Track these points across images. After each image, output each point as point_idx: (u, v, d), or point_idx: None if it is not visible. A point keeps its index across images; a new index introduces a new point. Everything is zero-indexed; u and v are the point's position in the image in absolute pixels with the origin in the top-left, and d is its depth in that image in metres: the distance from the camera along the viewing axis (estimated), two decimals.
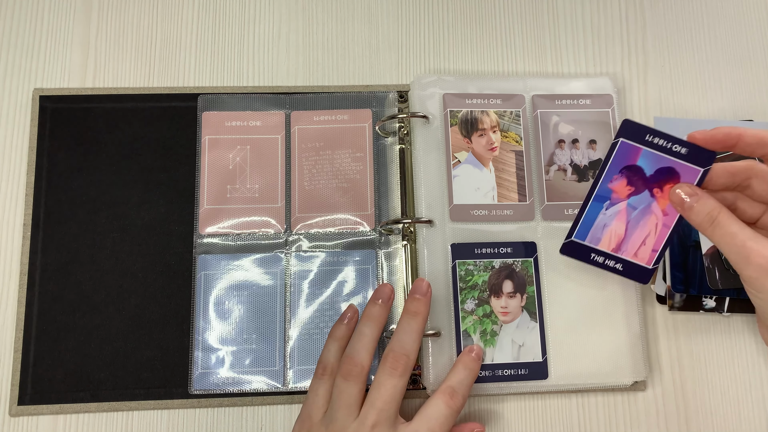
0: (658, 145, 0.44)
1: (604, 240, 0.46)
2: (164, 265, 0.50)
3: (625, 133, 0.45)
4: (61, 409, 0.47)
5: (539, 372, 0.47)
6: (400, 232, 0.50)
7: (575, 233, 0.46)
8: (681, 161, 0.44)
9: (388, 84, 0.55)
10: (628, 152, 0.45)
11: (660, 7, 0.58)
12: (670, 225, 0.45)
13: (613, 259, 0.46)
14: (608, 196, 0.46)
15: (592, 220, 0.46)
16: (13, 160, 0.52)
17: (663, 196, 0.45)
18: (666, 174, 0.45)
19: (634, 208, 0.46)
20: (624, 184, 0.45)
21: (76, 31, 0.55)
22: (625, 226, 0.46)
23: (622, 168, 0.45)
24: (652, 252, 0.46)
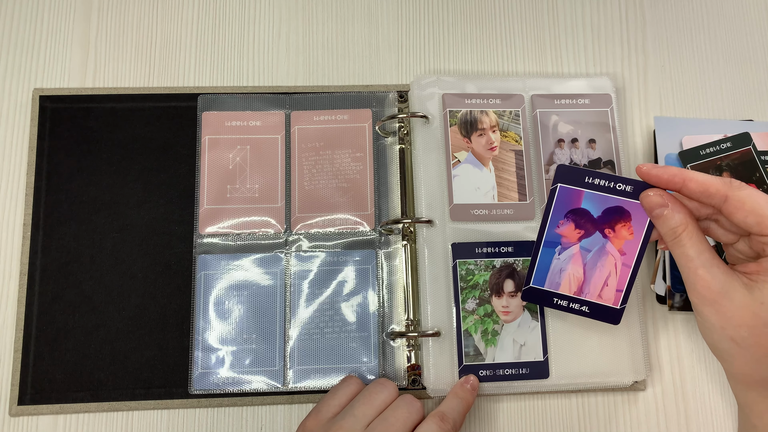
0: (600, 186, 0.43)
1: (563, 284, 0.45)
2: (164, 265, 0.50)
3: (562, 177, 0.44)
4: (61, 408, 0.47)
5: (540, 371, 0.47)
6: (400, 232, 0.50)
7: (532, 279, 0.46)
8: (629, 199, 0.43)
9: (388, 84, 0.55)
10: (569, 196, 0.44)
11: (660, 8, 0.58)
12: (631, 264, 0.44)
13: (578, 302, 0.45)
14: (558, 241, 0.45)
15: (546, 265, 0.45)
16: (13, 160, 0.52)
17: (616, 236, 0.44)
18: (614, 214, 0.44)
19: (588, 250, 0.45)
20: (572, 228, 0.45)
21: (76, 31, 0.55)
22: (583, 269, 0.45)
23: (567, 212, 0.44)
24: (617, 292, 0.45)
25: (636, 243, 0.44)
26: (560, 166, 0.44)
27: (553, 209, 0.44)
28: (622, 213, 0.44)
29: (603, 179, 0.43)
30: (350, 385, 0.45)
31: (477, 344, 0.47)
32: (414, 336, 0.47)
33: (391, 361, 0.49)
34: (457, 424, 0.43)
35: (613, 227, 0.44)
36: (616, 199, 0.43)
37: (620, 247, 0.44)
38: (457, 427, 0.43)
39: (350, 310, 0.49)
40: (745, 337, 0.38)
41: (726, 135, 0.52)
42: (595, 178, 0.43)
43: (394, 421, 0.41)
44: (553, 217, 0.45)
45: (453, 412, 0.43)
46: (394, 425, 0.41)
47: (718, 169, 0.51)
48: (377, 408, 0.43)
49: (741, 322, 0.38)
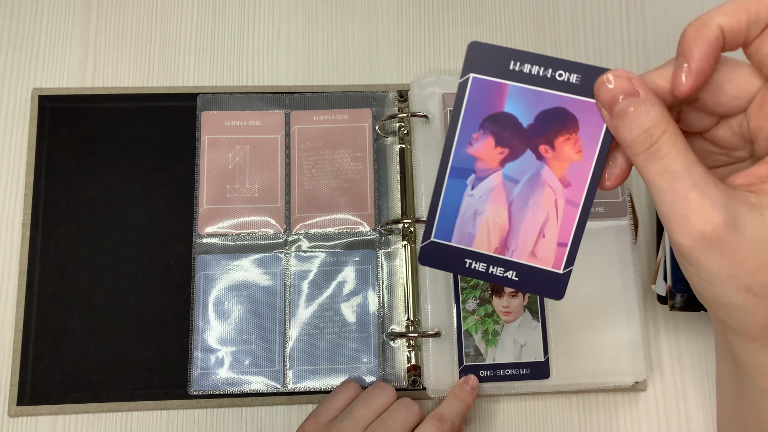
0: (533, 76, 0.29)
1: (480, 236, 0.31)
2: (163, 265, 0.50)
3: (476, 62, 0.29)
4: (60, 409, 0.47)
5: (541, 371, 0.47)
6: (400, 232, 0.50)
7: (434, 230, 0.31)
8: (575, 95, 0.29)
9: (388, 84, 0.55)
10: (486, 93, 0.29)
11: (661, 7, 0.58)
12: (578, 200, 0.29)
13: (501, 265, 0.31)
14: (471, 167, 0.30)
15: (455, 207, 0.31)
16: (12, 159, 0.52)
17: (557, 157, 0.29)
18: (554, 121, 0.29)
19: (515, 180, 0.30)
20: (491, 145, 0.30)
21: (76, 31, 0.55)
22: (508, 211, 0.30)
23: (484, 120, 0.30)
24: (559, 247, 0.30)
25: (586, 168, 0.29)
26: (472, 43, 0.29)
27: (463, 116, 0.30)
28: (566, 119, 0.29)
29: (536, 63, 0.29)
30: (348, 390, 0.45)
31: (477, 344, 0.47)
32: (414, 336, 0.47)
33: (391, 362, 0.48)
34: (455, 425, 0.43)
35: (552, 142, 0.29)
36: (557, 97, 0.29)
37: (562, 174, 0.30)
38: (455, 428, 0.43)
39: (350, 311, 0.49)
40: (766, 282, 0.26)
41: None
42: (525, 62, 0.29)
43: (393, 424, 0.41)
44: (462, 129, 0.30)
45: (451, 413, 0.43)
46: (392, 427, 0.41)
47: None
48: (375, 411, 0.43)
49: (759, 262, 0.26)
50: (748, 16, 0.26)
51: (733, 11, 0.26)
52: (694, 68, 0.26)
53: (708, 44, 0.26)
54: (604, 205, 0.50)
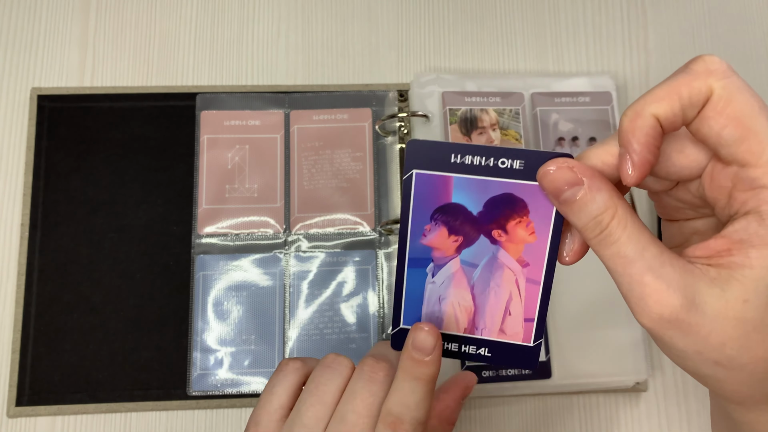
0: (476, 166, 0.29)
1: (447, 319, 0.31)
2: (162, 265, 0.49)
3: (415, 158, 0.29)
4: (59, 410, 0.47)
5: (542, 371, 0.47)
6: None
7: (402, 319, 0.31)
8: (521, 181, 0.29)
9: (388, 83, 0.54)
10: (433, 187, 0.29)
11: (661, 6, 0.58)
12: (539, 278, 0.30)
13: (473, 344, 0.31)
14: (428, 256, 0.31)
15: (419, 295, 0.31)
16: (11, 159, 0.51)
17: (511, 239, 0.30)
18: (503, 206, 0.29)
19: (473, 265, 0.31)
20: (444, 235, 0.30)
21: (74, 30, 0.54)
22: (471, 293, 0.31)
23: (434, 212, 0.30)
24: (526, 322, 0.31)
25: (542, 247, 0.30)
26: (411, 141, 0.29)
27: (412, 209, 0.30)
28: (515, 203, 0.29)
29: (477, 154, 0.29)
30: (288, 375, 0.34)
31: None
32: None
33: None
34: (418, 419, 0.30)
35: (504, 226, 0.30)
36: (503, 183, 0.29)
37: (519, 255, 0.30)
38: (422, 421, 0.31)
39: (350, 311, 0.49)
40: (733, 356, 0.25)
41: None
42: (465, 154, 0.29)
43: (356, 419, 0.31)
44: (414, 222, 0.30)
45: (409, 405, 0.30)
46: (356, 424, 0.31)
47: None
48: (330, 404, 0.32)
49: (723, 338, 0.25)
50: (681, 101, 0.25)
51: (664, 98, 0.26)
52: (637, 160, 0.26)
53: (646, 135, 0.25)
54: None
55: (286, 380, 0.34)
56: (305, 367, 0.35)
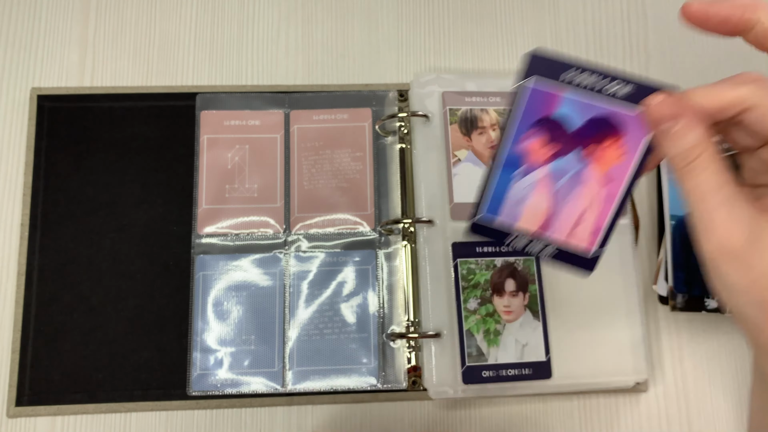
0: (586, 86, 0.32)
1: (524, 218, 0.35)
2: (162, 265, 0.49)
3: (536, 69, 0.32)
4: (58, 410, 0.47)
5: (543, 371, 0.47)
6: (400, 232, 0.50)
7: (485, 208, 0.35)
8: (624, 106, 0.32)
9: (388, 83, 0.54)
10: (541, 99, 0.32)
11: (662, 6, 0.58)
12: (615, 194, 0.33)
13: (541, 242, 0.35)
14: (519, 161, 0.34)
15: (502, 193, 0.34)
16: (11, 159, 0.51)
17: (601, 158, 0.33)
18: (602, 127, 0.32)
19: (560, 175, 0.34)
20: (541, 143, 0.33)
21: (74, 30, 0.54)
22: (550, 200, 0.34)
23: (536, 121, 0.33)
24: (593, 233, 0.34)
25: (625, 170, 0.33)
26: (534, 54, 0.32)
27: (518, 116, 0.33)
28: (612, 126, 0.32)
29: (593, 74, 0.31)
30: None
31: (479, 344, 0.47)
32: (414, 337, 0.47)
33: (391, 363, 0.48)
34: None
35: (597, 146, 0.33)
36: (606, 107, 0.32)
37: (604, 173, 0.33)
38: None
39: (350, 311, 0.49)
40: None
41: None
42: (581, 72, 0.32)
43: None
44: (516, 127, 0.33)
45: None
46: None
47: None
48: None
49: None
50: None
51: None
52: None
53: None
54: None
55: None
56: None
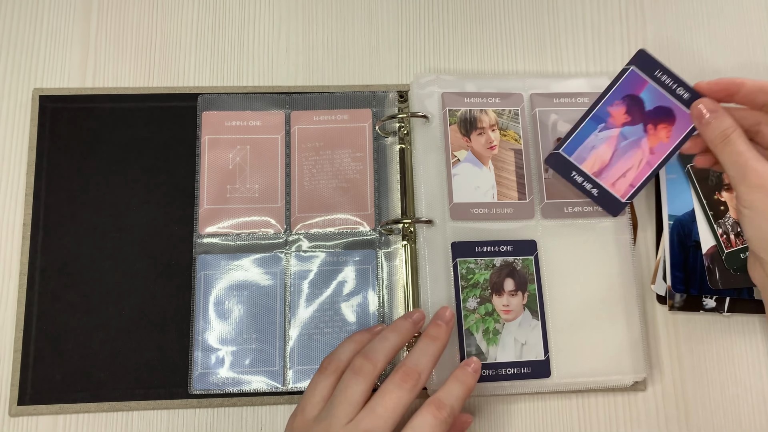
0: (665, 84, 0.46)
1: (588, 161, 0.47)
2: (164, 265, 0.50)
3: (638, 62, 0.47)
4: (60, 409, 0.47)
5: (542, 370, 0.47)
6: (400, 232, 0.50)
7: (564, 147, 0.47)
8: (681, 105, 0.46)
9: (388, 84, 0.55)
10: (634, 82, 0.47)
11: (660, 7, 0.58)
12: (654, 164, 0.47)
13: (591, 183, 0.47)
14: (605, 119, 0.47)
15: (583, 138, 0.47)
16: (13, 160, 0.52)
17: (654, 134, 0.47)
18: (663, 114, 0.46)
19: (625, 138, 0.47)
20: (623, 111, 0.47)
21: (76, 31, 0.55)
22: (612, 154, 0.47)
23: (625, 95, 0.47)
24: (629, 186, 0.47)
25: (667, 147, 0.47)
26: (642, 50, 0.47)
27: (616, 88, 0.47)
28: (670, 114, 0.46)
29: (671, 79, 0.46)
30: (329, 375, 0.42)
31: (479, 343, 0.47)
32: (414, 336, 0.47)
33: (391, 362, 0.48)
34: (455, 410, 0.41)
35: (656, 125, 0.47)
36: (671, 101, 0.46)
37: (653, 146, 0.47)
38: (455, 413, 0.41)
39: (350, 311, 0.49)
40: None
41: None
42: (664, 74, 0.46)
43: (382, 412, 0.39)
44: (612, 95, 0.47)
45: (451, 398, 0.41)
46: (381, 416, 0.39)
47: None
48: (357, 403, 0.39)
49: None
50: None
51: None
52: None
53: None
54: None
55: (327, 379, 0.42)
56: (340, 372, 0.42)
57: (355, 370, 0.41)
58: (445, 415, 0.40)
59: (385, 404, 0.39)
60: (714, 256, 0.50)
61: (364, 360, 0.41)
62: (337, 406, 0.39)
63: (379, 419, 0.38)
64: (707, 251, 0.50)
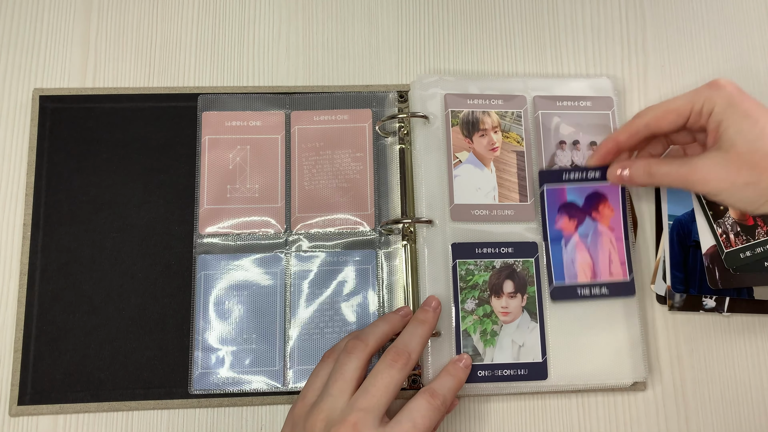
0: (576, 179, 0.50)
1: (579, 273, 0.49)
2: (164, 265, 0.50)
3: (545, 179, 0.51)
4: (61, 409, 0.47)
5: (539, 372, 0.47)
6: (400, 232, 0.50)
7: (554, 278, 0.49)
8: (599, 182, 0.50)
9: (388, 84, 0.55)
10: (555, 194, 0.50)
11: (660, 7, 0.58)
12: (622, 236, 0.50)
13: (596, 287, 0.49)
14: (561, 235, 0.50)
15: (560, 261, 0.49)
16: (13, 160, 0.52)
17: (602, 216, 0.50)
18: (595, 198, 0.50)
19: (586, 235, 0.50)
20: (567, 220, 0.50)
21: (76, 31, 0.55)
22: (589, 254, 0.50)
23: (559, 207, 0.50)
24: (621, 265, 0.50)
25: (618, 216, 0.50)
26: (540, 171, 0.51)
27: (548, 209, 0.50)
28: (600, 195, 0.50)
29: (576, 172, 0.50)
30: (329, 364, 0.44)
31: (476, 344, 0.47)
32: None
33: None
34: (447, 400, 0.43)
35: (598, 209, 0.50)
36: (592, 186, 0.50)
37: (608, 225, 0.50)
38: (446, 403, 0.43)
39: (350, 310, 0.49)
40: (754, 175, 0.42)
41: None
42: (570, 173, 0.50)
43: (375, 392, 0.41)
44: (549, 215, 0.50)
45: (443, 389, 0.43)
46: (375, 395, 0.40)
47: None
48: (351, 379, 0.42)
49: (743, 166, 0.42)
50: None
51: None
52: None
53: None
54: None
55: (327, 367, 0.44)
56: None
57: (347, 350, 0.43)
58: (438, 403, 0.42)
59: (377, 384, 0.41)
60: (713, 256, 0.50)
61: (355, 340, 0.43)
62: (333, 385, 0.41)
63: (372, 398, 0.40)
64: (707, 251, 0.50)
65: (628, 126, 0.47)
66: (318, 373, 0.44)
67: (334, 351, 0.45)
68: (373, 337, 0.44)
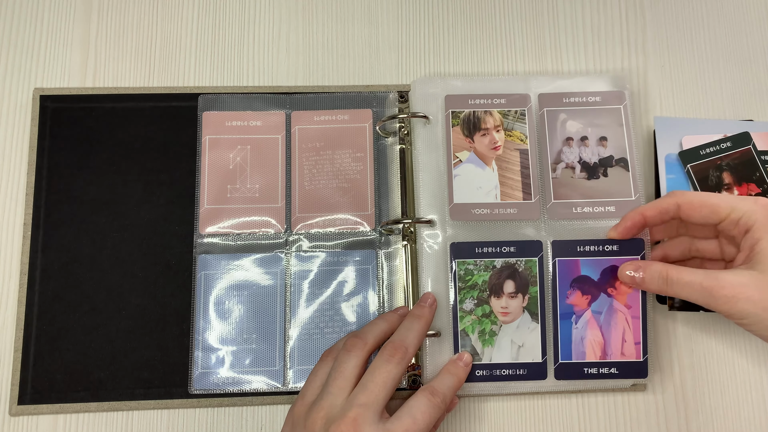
0: (591, 251, 0.48)
1: (588, 351, 0.47)
2: (164, 264, 0.50)
3: (558, 252, 0.48)
4: (61, 408, 0.47)
5: (538, 372, 0.47)
6: (400, 232, 0.50)
7: (560, 355, 0.47)
8: (618, 257, 0.48)
9: (389, 84, 0.55)
10: (568, 267, 0.48)
11: (660, 7, 0.58)
12: (639, 314, 0.47)
13: (606, 366, 0.47)
14: (571, 311, 0.48)
15: (568, 338, 0.47)
16: (14, 159, 0.52)
17: (619, 293, 0.47)
18: (611, 273, 0.48)
19: (599, 312, 0.47)
20: (579, 295, 0.48)
21: (77, 31, 0.55)
22: (601, 332, 0.47)
23: (571, 282, 0.48)
24: (636, 345, 0.47)
25: (637, 294, 0.48)
26: (554, 242, 0.48)
27: (559, 282, 0.48)
28: (617, 270, 0.47)
29: (592, 245, 0.48)
30: (328, 363, 0.44)
31: (474, 344, 0.47)
32: None
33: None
34: (447, 398, 0.43)
35: (614, 285, 0.48)
36: (609, 260, 0.48)
37: (625, 302, 0.47)
38: (446, 401, 0.43)
39: (350, 311, 0.49)
40: None
41: (726, 135, 0.52)
42: (585, 245, 0.48)
43: (374, 387, 0.41)
44: (560, 289, 0.48)
45: (443, 387, 0.44)
46: (373, 391, 0.41)
47: (718, 169, 0.51)
48: (351, 377, 0.42)
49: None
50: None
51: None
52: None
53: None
54: (615, 204, 0.50)
55: (327, 366, 0.44)
56: None
57: (347, 347, 0.43)
58: (438, 400, 0.42)
59: (376, 379, 0.41)
60: None
61: (354, 339, 0.44)
62: (332, 383, 0.42)
63: (371, 394, 0.40)
64: None
65: (659, 202, 0.45)
66: (317, 372, 0.44)
67: (332, 350, 0.45)
68: (372, 335, 0.44)
